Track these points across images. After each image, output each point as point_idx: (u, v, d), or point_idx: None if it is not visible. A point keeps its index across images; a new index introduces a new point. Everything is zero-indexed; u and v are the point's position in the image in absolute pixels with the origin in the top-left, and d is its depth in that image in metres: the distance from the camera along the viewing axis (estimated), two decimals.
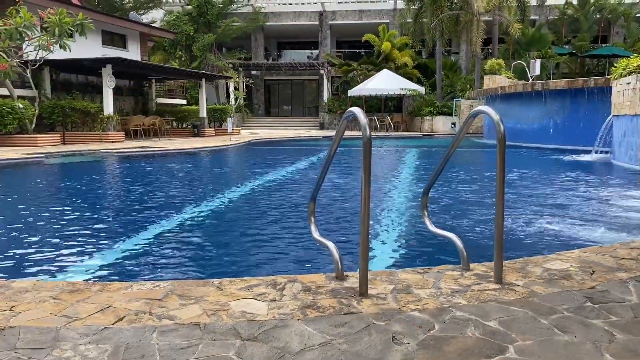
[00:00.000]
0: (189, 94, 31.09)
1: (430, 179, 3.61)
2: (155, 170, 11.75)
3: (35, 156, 12.57)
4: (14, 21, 14.89)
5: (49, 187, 9.36)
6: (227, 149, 17.85)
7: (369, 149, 2.64)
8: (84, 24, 15.97)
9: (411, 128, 30.57)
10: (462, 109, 27.11)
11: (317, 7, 36.15)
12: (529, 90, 18.21)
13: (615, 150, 12.09)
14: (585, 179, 9.64)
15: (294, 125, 34.38)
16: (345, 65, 33.17)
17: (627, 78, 11.03)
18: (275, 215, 6.50)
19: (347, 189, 8.29)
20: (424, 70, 33.33)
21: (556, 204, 6.87)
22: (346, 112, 2.84)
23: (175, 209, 6.83)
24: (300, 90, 40.03)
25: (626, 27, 33.02)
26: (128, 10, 32.50)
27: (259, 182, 9.48)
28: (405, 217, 6.14)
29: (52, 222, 6.02)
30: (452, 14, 27.68)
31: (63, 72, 19.90)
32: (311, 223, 3.37)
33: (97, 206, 7.13)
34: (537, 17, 33.33)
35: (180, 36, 31.91)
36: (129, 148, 15.45)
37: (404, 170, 11.90)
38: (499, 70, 23.57)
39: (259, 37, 36.96)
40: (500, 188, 2.86)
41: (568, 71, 33.05)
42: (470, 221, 5.81)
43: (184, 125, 25.78)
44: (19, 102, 15.82)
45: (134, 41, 25.12)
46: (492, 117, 2.91)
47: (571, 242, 4.73)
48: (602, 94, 14.91)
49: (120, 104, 22.67)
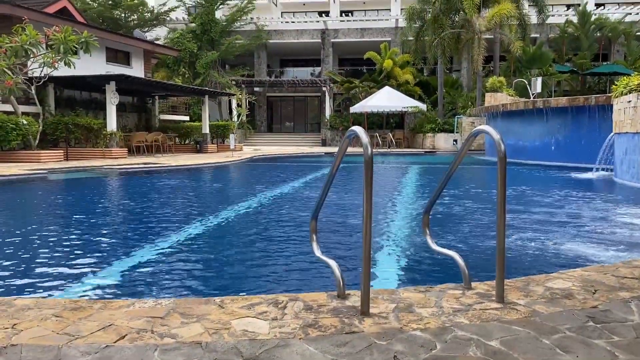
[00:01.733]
0: (191, 111, 31.28)
1: (432, 197, 3.62)
2: (157, 187, 11.78)
3: (38, 172, 12.62)
4: (20, 39, 15.08)
5: (51, 204, 9.38)
6: (229, 165, 17.90)
7: (370, 167, 2.65)
8: (89, 42, 16.16)
9: (413, 145, 30.65)
10: (464, 126, 27.20)
11: (320, 25, 36.50)
12: (531, 108, 18.28)
13: (617, 167, 12.10)
14: (586, 197, 9.63)
15: (296, 141, 34.50)
16: (347, 82, 33.39)
17: (627, 96, 11.08)
18: (277, 232, 6.51)
19: (349, 206, 8.29)
20: (425, 87, 33.52)
21: (558, 221, 6.86)
22: (348, 131, 2.86)
23: (177, 225, 6.84)
24: (302, 106, 40.25)
25: (626, 45, 33.24)
26: (132, 27, 32.85)
27: (260, 198, 9.49)
28: (408, 235, 6.14)
29: (53, 238, 6.03)
30: (454, 32, 27.91)
31: (67, 89, 20.08)
32: (313, 241, 3.38)
33: (98, 223, 7.14)
34: (537, 35, 33.57)
35: (184, 53, 32.22)
36: (132, 164, 15.50)
37: (406, 187, 11.91)
38: (500, 87, 23.68)
39: (262, 55, 37.29)
40: (502, 206, 2.87)
41: (569, 89, 33.20)
42: (472, 238, 5.80)
43: (186, 141, 25.90)
44: (23, 119, 15.94)
45: (138, 58, 25.35)
46: (493, 136, 2.93)
47: (573, 260, 4.72)
48: (603, 111, 14.95)
49: (124, 120, 22.81)
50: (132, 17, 33.96)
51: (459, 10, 27.94)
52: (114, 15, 32.86)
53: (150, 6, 36.04)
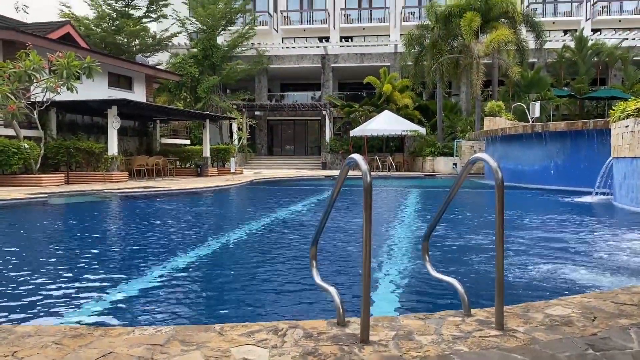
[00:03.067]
0: (192, 134, 31.48)
1: (431, 223, 3.65)
2: (157, 211, 11.79)
3: (38, 196, 12.65)
4: (24, 64, 15.26)
5: (51, 228, 9.39)
6: (230, 189, 17.94)
7: (369, 194, 2.69)
8: (92, 67, 16.36)
9: (413, 168, 30.75)
10: (463, 150, 27.34)
11: (320, 50, 36.95)
12: (529, 132, 18.39)
13: (616, 192, 12.13)
14: (586, 222, 9.64)
15: (297, 164, 34.63)
16: (347, 106, 33.67)
17: (625, 121, 11.18)
18: (277, 258, 6.51)
19: (349, 230, 8.30)
20: (424, 111, 33.79)
21: (557, 247, 6.86)
22: (347, 158, 2.90)
23: (177, 251, 6.85)
24: (302, 130, 40.51)
25: (624, 70, 33.60)
26: (135, 52, 33.26)
27: (259, 223, 9.50)
28: (408, 261, 6.14)
29: (53, 264, 6.03)
30: (452, 58, 28.24)
31: (69, 113, 20.23)
32: (313, 267, 3.39)
33: (98, 248, 7.15)
34: (535, 60, 33.95)
35: (186, 78, 32.57)
36: (132, 188, 15.54)
37: (406, 211, 11.92)
38: (499, 112, 23.88)
39: (263, 79, 37.66)
40: (500, 233, 2.90)
41: (568, 113, 33.46)
42: (472, 264, 5.80)
43: (187, 164, 26.00)
44: (25, 143, 16.04)
45: (140, 83, 25.62)
46: (490, 164, 2.97)
47: (572, 286, 4.72)
48: (601, 135, 15.05)
49: (125, 144, 22.94)
50: (134, 42, 34.39)
51: (457, 36, 28.33)
52: (117, 41, 33.29)
53: (152, 32, 36.54)
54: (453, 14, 27.90)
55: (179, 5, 34.87)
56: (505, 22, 27.80)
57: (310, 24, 40.93)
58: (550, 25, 36.62)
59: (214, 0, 34.25)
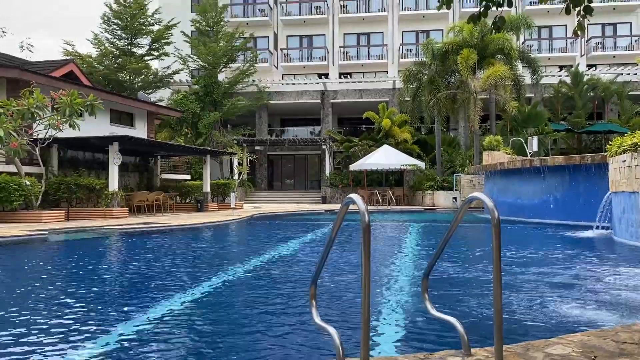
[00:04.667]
0: (193, 169, 31.64)
1: (430, 261, 3.67)
2: (156, 248, 11.77)
3: (38, 233, 12.64)
4: (27, 102, 15.48)
5: (49, 267, 9.36)
6: (230, 224, 17.92)
7: (368, 235, 2.72)
8: (94, 105, 16.58)
9: (413, 202, 30.79)
10: (463, 184, 27.42)
11: (319, 86, 37.48)
12: (528, 166, 18.50)
13: (616, 226, 12.14)
14: (586, 257, 9.62)
15: (297, 198, 34.67)
16: (347, 140, 33.95)
17: (622, 156, 11.28)
18: (276, 296, 6.48)
19: (348, 268, 8.27)
20: (423, 145, 34.04)
21: (558, 283, 6.84)
22: (346, 198, 2.95)
23: (175, 290, 6.82)
24: (302, 164, 40.72)
25: (620, 104, 33.98)
26: (137, 89, 33.75)
27: (258, 260, 9.48)
28: (407, 299, 6.11)
29: (48, 304, 6.00)
30: (449, 93, 28.64)
31: (71, 149, 20.41)
32: (312, 307, 3.39)
33: (95, 287, 7.12)
34: (532, 95, 34.38)
35: (187, 114, 32.93)
36: (132, 224, 15.54)
37: (407, 246, 11.90)
38: (498, 146, 24.06)
39: (263, 115, 38.08)
40: (497, 272, 2.92)
41: (566, 146, 33.69)
42: (471, 300, 5.78)
43: (187, 200, 26.04)
44: (26, 179, 16.12)
45: (141, 119, 25.90)
46: (487, 203, 3.02)
47: (573, 324, 4.70)
48: (599, 169, 15.14)
49: (125, 180, 23.04)
50: (137, 79, 34.92)
51: (454, 72, 28.81)
52: (119, 78, 33.80)
53: (154, 69, 37.15)
54: (450, 50, 28.43)
55: (180, 43, 35.55)
56: (501, 59, 28.30)
57: (310, 61, 41.62)
58: (545, 61, 37.24)
59: (215, 38, 34.94)
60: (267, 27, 41.84)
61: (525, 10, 36.25)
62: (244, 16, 41.80)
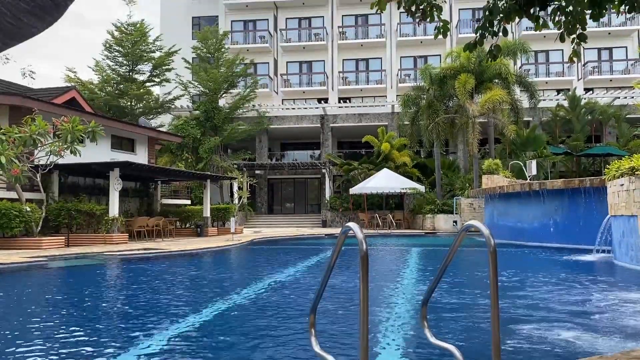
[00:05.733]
0: (193, 194, 31.67)
1: (429, 288, 3.69)
2: (154, 275, 11.74)
3: (38, 260, 12.63)
4: (29, 129, 15.61)
5: (48, 293, 9.33)
6: (230, 249, 17.88)
7: (366, 263, 2.75)
8: (96, 131, 16.70)
9: (413, 225, 30.75)
10: (463, 207, 27.43)
11: (319, 111, 37.78)
12: (527, 190, 18.55)
13: (616, 250, 12.13)
14: (587, 281, 9.60)
15: (297, 222, 34.63)
16: (347, 164, 34.07)
17: (620, 180, 11.34)
18: (275, 324, 6.46)
19: (348, 294, 8.25)
20: (423, 169, 34.15)
21: (558, 308, 6.83)
22: (344, 226, 2.99)
23: (173, 316, 6.80)
24: (302, 188, 40.78)
25: (617, 127, 34.19)
26: (138, 115, 34.00)
27: (257, 287, 9.45)
28: (407, 326, 6.09)
29: (47, 331, 5.99)
30: (448, 117, 28.86)
31: (71, 175, 20.48)
32: (312, 336, 3.40)
33: (93, 314, 7.10)
34: (530, 119, 34.61)
35: (187, 139, 33.12)
36: (132, 250, 15.52)
37: (408, 271, 11.86)
38: (497, 169, 24.14)
39: (263, 139, 38.29)
40: (495, 299, 2.94)
41: (565, 170, 33.77)
42: (471, 328, 5.77)
43: (187, 225, 26.01)
44: (26, 206, 16.15)
45: (142, 145, 26.05)
46: (483, 231, 3.05)
47: (573, 350, 4.69)
48: (598, 193, 15.18)
49: (126, 205, 23.06)
50: (138, 105, 35.21)
51: (452, 96, 29.07)
52: (121, 104, 34.08)
53: (155, 95, 37.48)
54: (447, 75, 28.75)
55: (181, 69, 35.95)
56: (499, 83, 28.60)
57: (310, 86, 42.04)
58: (543, 85, 37.60)
59: (216, 65, 35.35)
60: (267, 53, 42.37)
61: (522, 35, 36.74)
62: (245, 43, 42.37)
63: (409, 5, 5.73)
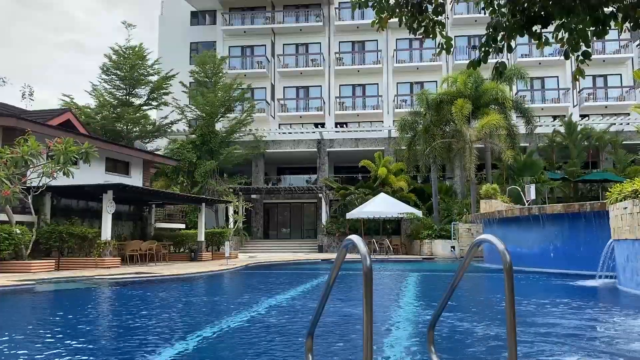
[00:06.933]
0: (187, 218, 31.29)
1: (436, 311, 3.42)
2: (146, 300, 11.35)
3: (25, 283, 12.23)
4: (21, 149, 15.36)
5: (32, 320, 8.94)
6: (223, 274, 17.49)
7: (370, 279, 2.49)
8: (89, 152, 16.47)
9: (410, 251, 30.39)
10: (461, 233, 27.15)
11: (316, 135, 37.72)
12: (526, 215, 18.33)
13: (620, 275, 11.84)
14: (592, 308, 9.30)
15: (293, 247, 34.19)
16: (343, 189, 33.85)
17: (623, 203, 11.12)
18: (269, 351, 6.14)
19: (348, 318, 7.93)
20: (420, 194, 33.94)
21: (563, 334, 6.54)
22: (345, 239, 2.74)
23: (165, 342, 6.47)
24: (299, 213, 40.43)
25: (614, 153, 34.20)
26: (134, 138, 33.81)
27: (250, 313, 9.10)
28: (412, 352, 5.78)
29: (22, 358, 5.65)
30: (445, 142, 28.79)
31: (64, 198, 20.12)
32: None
33: (79, 341, 6.75)
34: (527, 144, 34.61)
35: (183, 163, 32.89)
36: (124, 274, 15.13)
37: (408, 297, 11.53)
38: (494, 194, 23.95)
39: (260, 163, 38.12)
40: (511, 321, 2.67)
41: (562, 195, 33.63)
42: (478, 353, 5.46)
43: (181, 249, 25.58)
44: (16, 228, 15.79)
45: (137, 168, 25.80)
46: (497, 246, 2.81)
47: None
48: (599, 217, 14.96)
49: (119, 229, 22.68)
50: (134, 129, 35.05)
51: (449, 121, 29.04)
52: (117, 128, 33.91)
53: (152, 119, 37.37)
54: (444, 100, 28.80)
55: (179, 93, 35.94)
56: (495, 108, 28.65)
57: (306, 111, 42.10)
58: (539, 111, 37.73)
59: (213, 89, 35.37)
60: (265, 78, 42.54)
61: (518, 62, 36.99)
62: (242, 68, 42.55)
63: (410, 22, 5.60)
